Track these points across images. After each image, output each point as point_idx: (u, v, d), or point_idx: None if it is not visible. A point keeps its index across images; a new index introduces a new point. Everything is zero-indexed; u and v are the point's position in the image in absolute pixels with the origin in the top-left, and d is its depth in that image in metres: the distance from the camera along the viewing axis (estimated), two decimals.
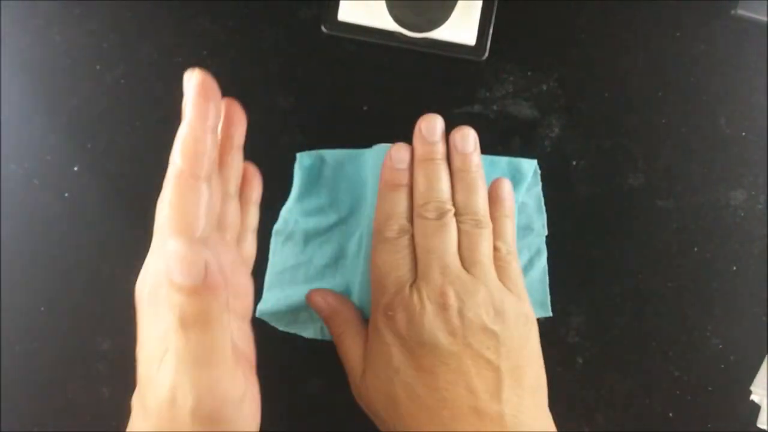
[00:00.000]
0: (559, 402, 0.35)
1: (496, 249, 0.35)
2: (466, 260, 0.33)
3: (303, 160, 0.39)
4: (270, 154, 0.40)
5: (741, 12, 0.39)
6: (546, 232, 0.39)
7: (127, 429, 0.31)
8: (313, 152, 0.39)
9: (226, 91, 0.40)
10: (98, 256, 0.40)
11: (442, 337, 0.32)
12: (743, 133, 0.40)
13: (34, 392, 0.40)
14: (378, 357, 0.33)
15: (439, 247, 0.33)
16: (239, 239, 0.36)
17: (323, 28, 0.40)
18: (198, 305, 0.26)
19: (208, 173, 0.29)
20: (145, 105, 0.40)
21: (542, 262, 0.39)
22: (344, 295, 0.38)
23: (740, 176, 0.40)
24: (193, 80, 0.29)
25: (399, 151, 0.35)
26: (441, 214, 0.33)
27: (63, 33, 0.40)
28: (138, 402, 0.30)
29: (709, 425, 0.40)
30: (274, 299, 0.39)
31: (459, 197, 0.34)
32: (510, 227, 0.36)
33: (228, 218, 0.34)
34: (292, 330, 0.39)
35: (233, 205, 0.35)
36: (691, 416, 0.40)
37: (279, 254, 0.39)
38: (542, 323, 0.40)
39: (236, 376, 0.29)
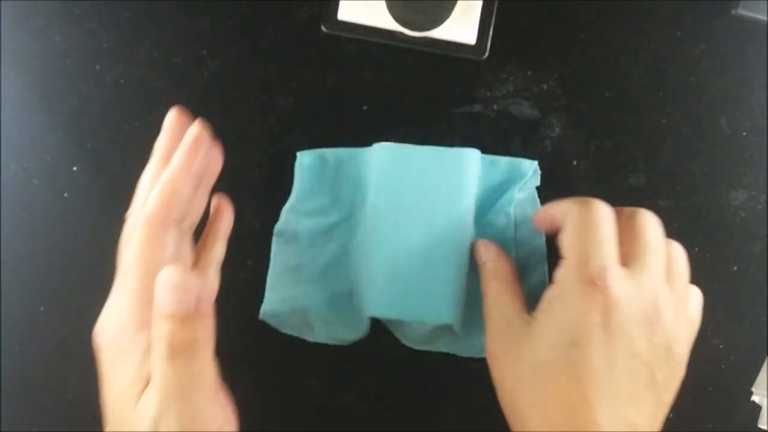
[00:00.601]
0: None
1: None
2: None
3: (303, 159, 0.39)
4: (270, 154, 0.40)
5: (741, 12, 0.39)
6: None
7: None
8: (314, 151, 0.39)
9: (226, 91, 0.40)
10: (98, 255, 0.40)
11: (638, 336, 0.30)
12: (744, 133, 0.40)
13: (34, 392, 0.40)
14: (565, 316, 0.30)
15: (653, 242, 0.32)
16: (203, 272, 0.35)
17: (323, 28, 0.40)
18: (188, 333, 0.26)
19: (180, 216, 0.30)
20: (145, 105, 0.40)
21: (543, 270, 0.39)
22: (347, 295, 0.38)
23: (741, 176, 0.40)
24: (190, 132, 0.30)
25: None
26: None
27: (63, 33, 0.40)
28: None
29: (710, 426, 0.40)
30: (276, 300, 0.38)
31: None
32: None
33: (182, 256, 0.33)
34: (295, 334, 0.39)
35: (185, 245, 0.33)
36: (691, 417, 0.40)
37: (281, 254, 0.39)
38: None
39: (219, 401, 0.29)
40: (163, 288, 0.26)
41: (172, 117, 0.33)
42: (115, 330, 0.29)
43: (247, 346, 0.36)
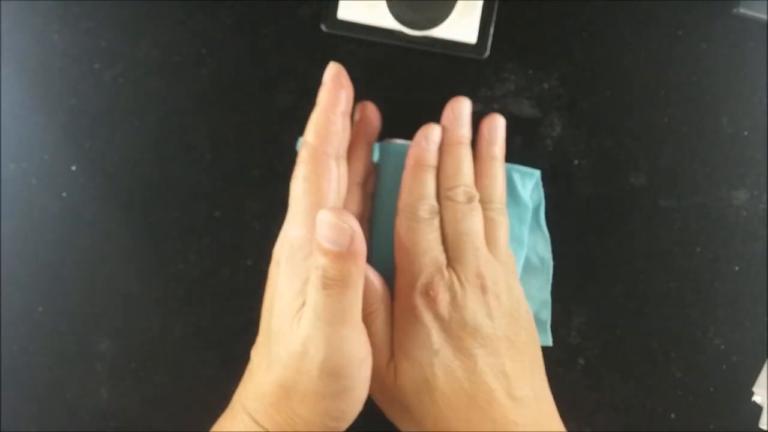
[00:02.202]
0: (560, 402, 0.35)
1: (486, 209, 0.35)
2: (488, 245, 0.34)
3: None
4: (269, 153, 0.40)
5: (743, 11, 0.39)
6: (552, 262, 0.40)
7: (243, 380, 0.33)
8: None
9: (226, 90, 0.40)
10: (96, 255, 0.40)
11: (483, 320, 0.32)
12: (745, 132, 0.40)
13: (33, 392, 0.40)
14: (414, 339, 0.33)
15: (471, 231, 0.34)
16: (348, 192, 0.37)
17: (323, 27, 0.39)
18: (341, 270, 0.28)
19: (338, 152, 0.33)
20: (144, 104, 0.40)
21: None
22: None
23: (742, 175, 0.40)
24: (329, 71, 0.33)
25: (433, 132, 0.35)
26: (470, 198, 0.34)
27: (61, 32, 0.40)
28: (261, 352, 0.33)
29: (711, 426, 0.40)
30: None
31: (482, 183, 0.35)
32: (500, 178, 0.36)
33: (351, 207, 0.36)
34: None
35: (357, 195, 0.36)
36: (692, 417, 0.40)
37: None
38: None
39: (362, 339, 0.31)
40: (322, 226, 0.28)
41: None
42: (290, 250, 0.32)
43: (247, 346, 0.36)
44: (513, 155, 0.39)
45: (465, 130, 0.35)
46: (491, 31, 0.39)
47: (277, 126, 0.40)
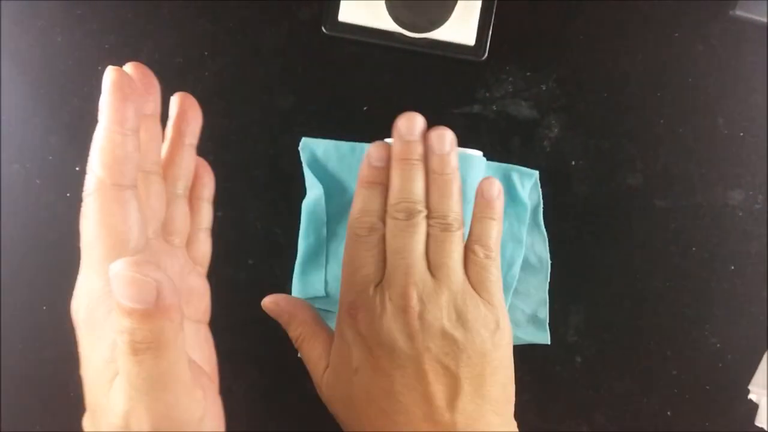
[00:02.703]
0: (557, 401, 0.35)
1: (473, 252, 0.33)
2: (432, 263, 0.32)
3: (310, 147, 0.40)
4: (270, 154, 0.40)
5: (739, 13, 0.40)
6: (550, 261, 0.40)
7: None
8: (319, 142, 0.40)
9: (228, 91, 0.41)
10: None
11: (401, 340, 0.31)
12: (741, 134, 0.40)
13: (36, 391, 0.41)
14: (339, 356, 0.33)
15: (405, 248, 0.32)
16: (190, 240, 0.34)
17: (324, 29, 0.40)
18: (150, 330, 0.24)
19: (133, 179, 0.28)
20: None
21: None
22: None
23: (738, 176, 0.40)
24: (106, 79, 0.27)
25: (378, 149, 0.33)
26: (410, 215, 0.32)
27: (64, 34, 0.41)
28: (89, 426, 0.28)
29: (707, 424, 0.40)
30: (297, 290, 0.40)
31: (432, 199, 0.33)
32: (494, 230, 0.34)
33: (175, 222, 0.32)
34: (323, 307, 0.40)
35: (181, 207, 0.33)
36: (689, 415, 0.40)
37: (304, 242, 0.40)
38: None
39: (194, 397, 0.27)
40: (118, 283, 0.23)
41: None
42: (88, 308, 0.27)
43: (248, 345, 0.36)
44: (511, 156, 0.40)
45: (414, 146, 0.33)
46: (489, 33, 0.39)
47: (278, 127, 0.41)
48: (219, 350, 0.41)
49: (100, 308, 0.26)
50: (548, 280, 0.40)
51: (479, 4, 0.39)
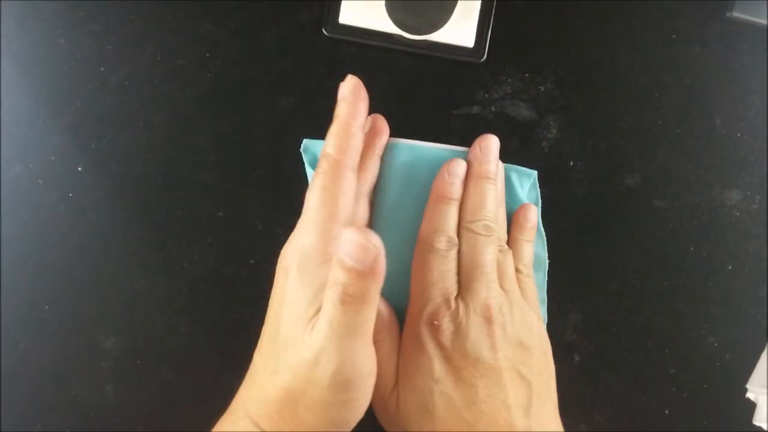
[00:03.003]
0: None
1: (517, 270, 0.36)
2: (498, 276, 0.35)
3: (309, 153, 0.40)
4: (272, 154, 0.41)
5: (736, 14, 0.40)
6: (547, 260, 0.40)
7: (246, 383, 0.33)
8: (319, 143, 0.40)
9: (229, 93, 0.41)
10: (102, 254, 0.41)
11: (485, 351, 0.33)
12: (738, 134, 0.41)
13: (38, 390, 0.41)
14: (417, 367, 0.34)
15: (486, 263, 0.34)
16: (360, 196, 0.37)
17: (324, 31, 0.40)
18: (361, 288, 0.28)
19: (356, 164, 0.33)
20: (149, 106, 0.41)
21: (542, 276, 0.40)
22: None
23: (736, 176, 0.41)
24: (348, 84, 0.33)
25: (457, 167, 0.36)
26: (490, 231, 0.35)
27: (67, 35, 0.41)
28: (266, 356, 0.33)
29: (705, 423, 0.41)
30: None
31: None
32: (529, 251, 0.38)
33: (357, 216, 0.36)
34: None
35: (363, 205, 0.37)
36: (687, 414, 0.41)
37: None
38: None
39: (371, 353, 0.31)
40: (347, 244, 0.28)
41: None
42: (301, 259, 0.32)
43: (250, 344, 0.36)
44: (510, 156, 0.40)
45: (491, 166, 0.36)
46: (488, 35, 0.40)
47: (279, 128, 0.41)
48: (219, 350, 0.41)
49: (312, 261, 0.31)
50: (546, 279, 0.40)
51: (478, 5, 0.39)
